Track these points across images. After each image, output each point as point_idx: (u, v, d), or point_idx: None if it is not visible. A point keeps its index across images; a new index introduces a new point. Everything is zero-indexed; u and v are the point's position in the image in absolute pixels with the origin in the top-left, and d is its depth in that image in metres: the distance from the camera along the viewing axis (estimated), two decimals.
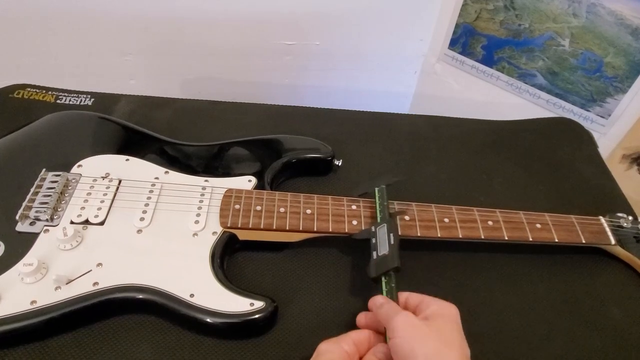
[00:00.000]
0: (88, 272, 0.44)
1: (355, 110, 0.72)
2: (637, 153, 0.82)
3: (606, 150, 0.82)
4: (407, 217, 0.51)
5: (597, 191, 0.63)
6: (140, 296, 0.44)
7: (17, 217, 0.47)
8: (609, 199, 0.62)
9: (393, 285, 0.44)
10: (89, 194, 0.50)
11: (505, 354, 0.47)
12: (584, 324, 0.49)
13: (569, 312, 0.50)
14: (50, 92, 0.69)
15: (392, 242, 0.46)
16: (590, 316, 0.50)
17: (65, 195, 0.50)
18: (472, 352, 0.39)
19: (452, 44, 0.91)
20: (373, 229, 0.48)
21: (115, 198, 0.50)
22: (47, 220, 0.47)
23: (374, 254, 0.46)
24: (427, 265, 0.53)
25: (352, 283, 0.51)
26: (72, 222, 0.47)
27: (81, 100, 0.68)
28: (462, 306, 0.50)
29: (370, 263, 0.45)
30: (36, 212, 0.47)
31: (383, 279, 0.44)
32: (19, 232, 0.46)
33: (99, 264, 0.45)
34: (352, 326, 0.48)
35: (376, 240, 0.47)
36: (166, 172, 0.54)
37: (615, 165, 0.83)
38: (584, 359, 0.47)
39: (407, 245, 0.53)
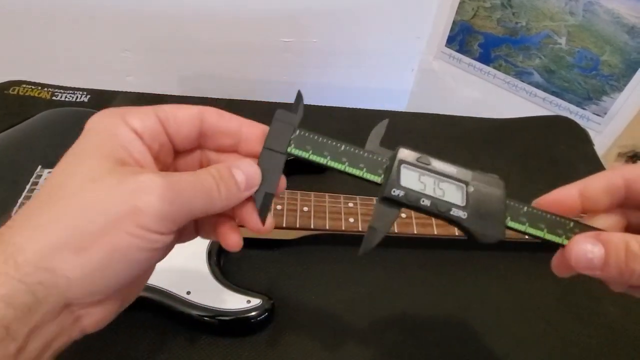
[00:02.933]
0: None
1: (352, 108, 0.72)
2: (633, 151, 0.82)
3: (602, 148, 0.82)
4: (403, 215, 0.52)
5: None
6: None
7: (13, 214, 0.47)
8: None
9: (524, 210, 0.28)
10: None
11: (501, 351, 0.47)
12: (580, 322, 0.49)
13: (564, 310, 0.50)
14: (46, 89, 0.69)
15: (453, 171, 0.28)
16: (586, 314, 0.50)
17: None
18: (469, 350, 0.39)
19: (449, 42, 0.91)
20: (396, 192, 0.27)
21: None
22: None
23: (456, 212, 0.27)
24: (423, 263, 0.53)
25: (350, 280, 0.51)
26: None
27: (77, 96, 0.68)
28: (457, 304, 0.50)
29: (471, 231, 0.27)
30: None
31: (513, 223, 0.28)
32: None
33: None
34: (350, 324, 0.48)
35: (429, 198, 0.27)
36: None
37: (611, 163, 0.83)
38: (579, 357, 0.47)
39: (403, 243, 0.53)
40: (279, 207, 0.50)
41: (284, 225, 0.49)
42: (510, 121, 0.73)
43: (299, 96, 0.29)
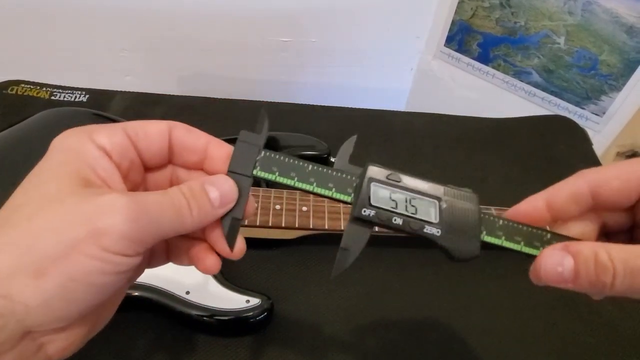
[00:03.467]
0: None
1: (351, 108, 0.72)
2: (631, 151, 0.82)
3: (601, 148, 0.82)
4: None
5: None
6: (136, 293, 0.44)
7: None
8: None
9: (499, 223, 0.27)
10: None
11: (501, 351, 0.47)
12: (580, 321, 0.50)
13: (564, 309, 0.51)
14: (44, 88, 0.68)
15: (425, 187, 0.27)
16: (585, 313, 0.50)
17: None
18: (469, 350, 0.39)
19: (448, 42, 0.91)
20: (367, 212, 0.26)
21: None
22: None
23: (429, 229, 0.27)
24: (422, 262, 0.53)
25: (349, 280, 0.51)
26: None
27: (76, 96, 0.68)
28: (456, 303, 0.51)
29: (446, 248, 0.27)
30: None
31: (489, 238, 0.27)
32: None
33: None
34: (349, 324, 0.48)
35: (401, 216, 0.26)
36: None
37: (610, 163, 0.83)
38: (579, 356, 0.47)
39: (401, 242, 0.53)
40: (277, 206, 0.50)
41: (283, 225, 0.49)
42: (509, 121, 0.73)
43: (262, 115, 0.28)
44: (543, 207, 0.27)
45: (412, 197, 0.27)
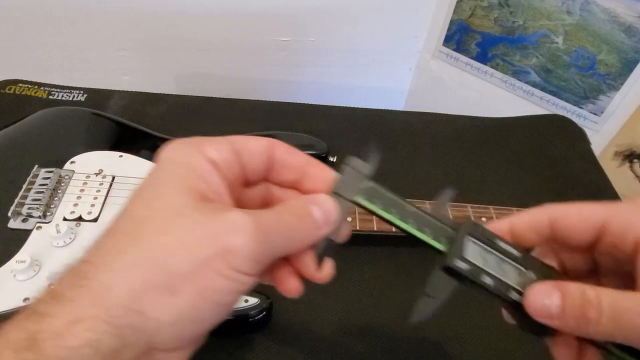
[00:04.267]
0: None
1: (349, 107, 0.72)
2: (629, 150, 0.82)
3: (599, 147, 0.82)
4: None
5: (589, 188, 0.64)
6: None
7: (9, 214, 0.46)
8: (601, 196, 0.63)
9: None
10: (82, 190, 0.50)
11: (501, 351, 0.47)
12: None
13: None
14: (42, 88, 0.68)
15: (517, 255, 0.27)
16: None
17: (58, 191, 0.49)
18: (466, 348, 0.39)
19: (447, 41, 0.91)
20: (460, 264, 0.27)
21: (109, 194, 0.50)
22: (39, 217, 0.47)
23: (514, 295, 0.26)
24: (421, 261, 0.53)
25: (349, 279, 0.51)
26: (65, 219, 0.47)
27: (74, 95, 0.68)
28: (455, 301, 0.51)
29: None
30: (29, 208, 0.47)
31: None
32: (11, 229, 0.46)
33: None
34: (349, 323, 0.48)
35: (492, 276, 0.27)
36: None
37: (608, 162, 0.83)
38: None
39: (400, 242, 0.53)
40: None
41: None
42: (507, 120, 0.73)
43: (375, 148, 0.28)
44: (507, 231, 0.28)
45: (502, 260, 0.27)
